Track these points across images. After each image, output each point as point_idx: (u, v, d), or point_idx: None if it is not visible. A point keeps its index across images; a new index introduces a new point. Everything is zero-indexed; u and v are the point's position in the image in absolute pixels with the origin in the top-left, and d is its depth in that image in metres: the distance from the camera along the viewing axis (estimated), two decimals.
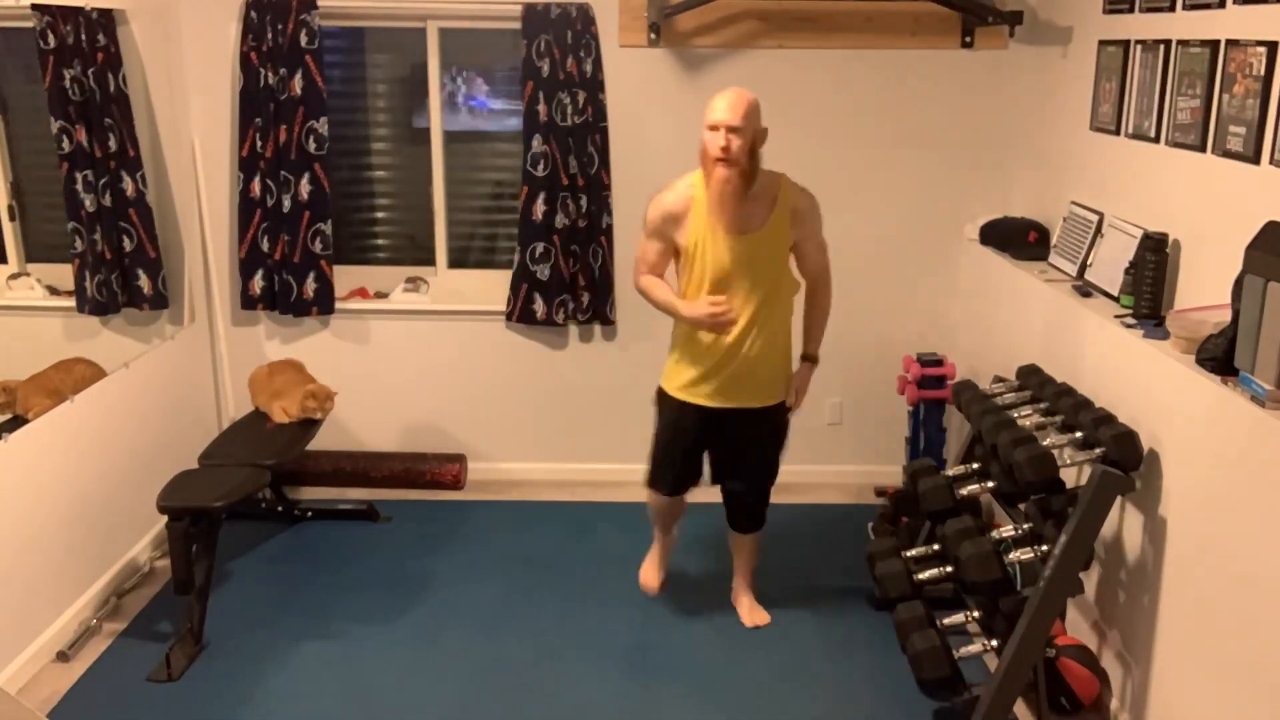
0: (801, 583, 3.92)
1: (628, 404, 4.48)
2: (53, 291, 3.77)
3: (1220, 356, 2.57)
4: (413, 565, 4.03)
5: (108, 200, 3.86)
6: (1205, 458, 2.60)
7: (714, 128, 3.12)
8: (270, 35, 4.26)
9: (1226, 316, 2.60)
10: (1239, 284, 2.48)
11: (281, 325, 4.64)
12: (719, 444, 3.51)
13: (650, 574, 3.79)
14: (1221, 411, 2.52)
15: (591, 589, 3.84)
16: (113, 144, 3.86)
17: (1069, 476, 3.30)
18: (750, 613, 3.67)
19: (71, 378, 3.60)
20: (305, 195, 4.39)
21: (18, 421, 3.32)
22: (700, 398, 3.39)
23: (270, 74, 4.30)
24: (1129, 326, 3.09)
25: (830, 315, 3.56)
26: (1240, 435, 2.43)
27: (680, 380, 3.41)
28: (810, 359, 3.55)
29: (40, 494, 3.38)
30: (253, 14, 4.25)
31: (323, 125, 4.34)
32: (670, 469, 3.54)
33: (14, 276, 3.67)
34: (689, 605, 3.76)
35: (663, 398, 3.49)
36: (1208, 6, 2.98)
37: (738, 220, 3.20)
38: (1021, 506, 3.24)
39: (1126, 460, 2.85)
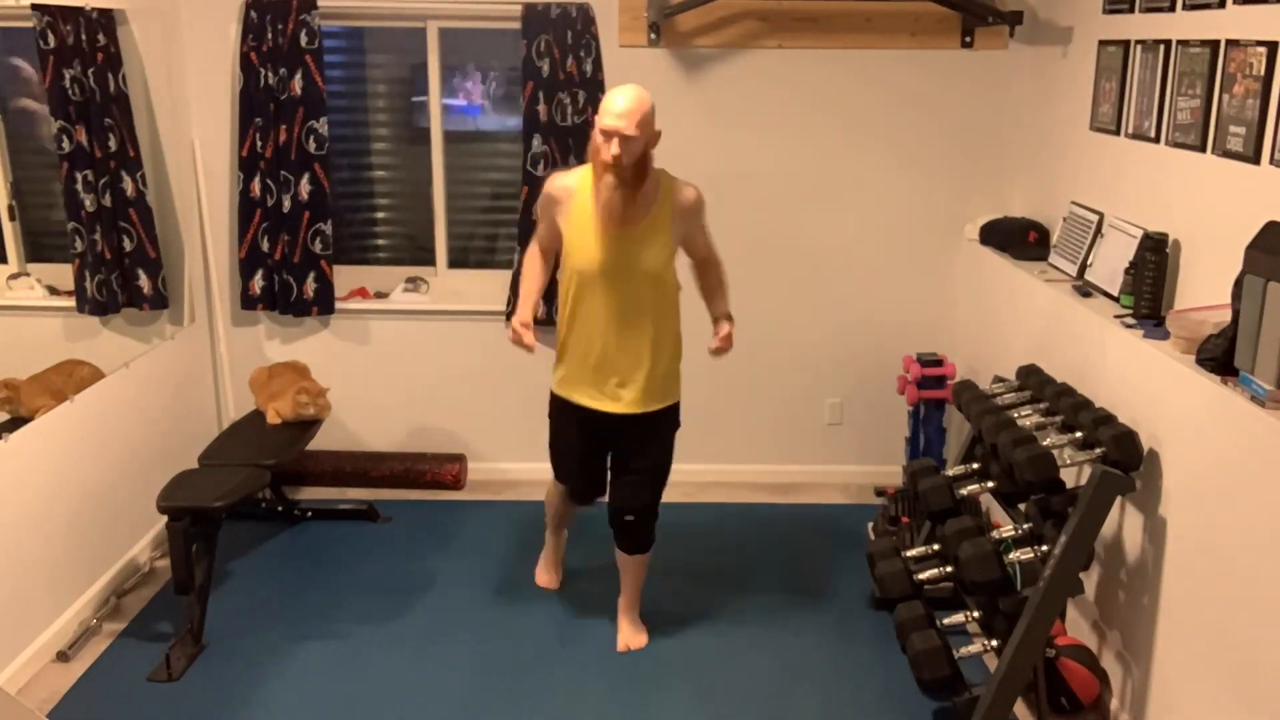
0: (801, 583, 3.92)
1: None
2: (53, 291, 3.76)
3: (1220, 356, 2.57)
4: (413, 565, 4.03)
5: (108, 200, 3.86)
6: (1205, 458, 2.60)
7: (607, 134, 3.02)
8: (270, 35, 4.26)
9: (1226, 316, 2.60)
10: (1239, 284, 2.48)
11: (281, 325, 4.64)
12: (605, 450, 3.44)
13: (546, 575, 3.86)
14: (1221, 411, 2.52)
15: (591, 589, 3.84)
16: (113, 144, 3.86)
17: (1069, 476, 3.30)
18: (627, 634, 3.52)
19: (73, 380, 3.60)
20: (305, 195, 4.39)
21: (18, 421, 3.32)
22: (577, 394, 3.33)
23: (270, 74, 4.30)
24: (1129, 326, 3.09)
25: (829, 319, 3.56)
26: (1240, 435, 2.43)
27: (558, 374, 3.39)
28: (725, 317, 3.37)
29: (40, 494, 3.38)
30: (253, 14, 4.25)
31: (323, 125, 4.34)
32: (564, 468, 3.53)
33: (14, 276, 3.67)
34: (689, 605, 3.75)
35: (551, 395, 3.46)
36: (1208, 6, 2.98)
37: (622, 217, 3.13)
38: (1021, 506, 3.24)
39: (1126, 460, 2.85)
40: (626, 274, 3.19)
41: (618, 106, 3.00)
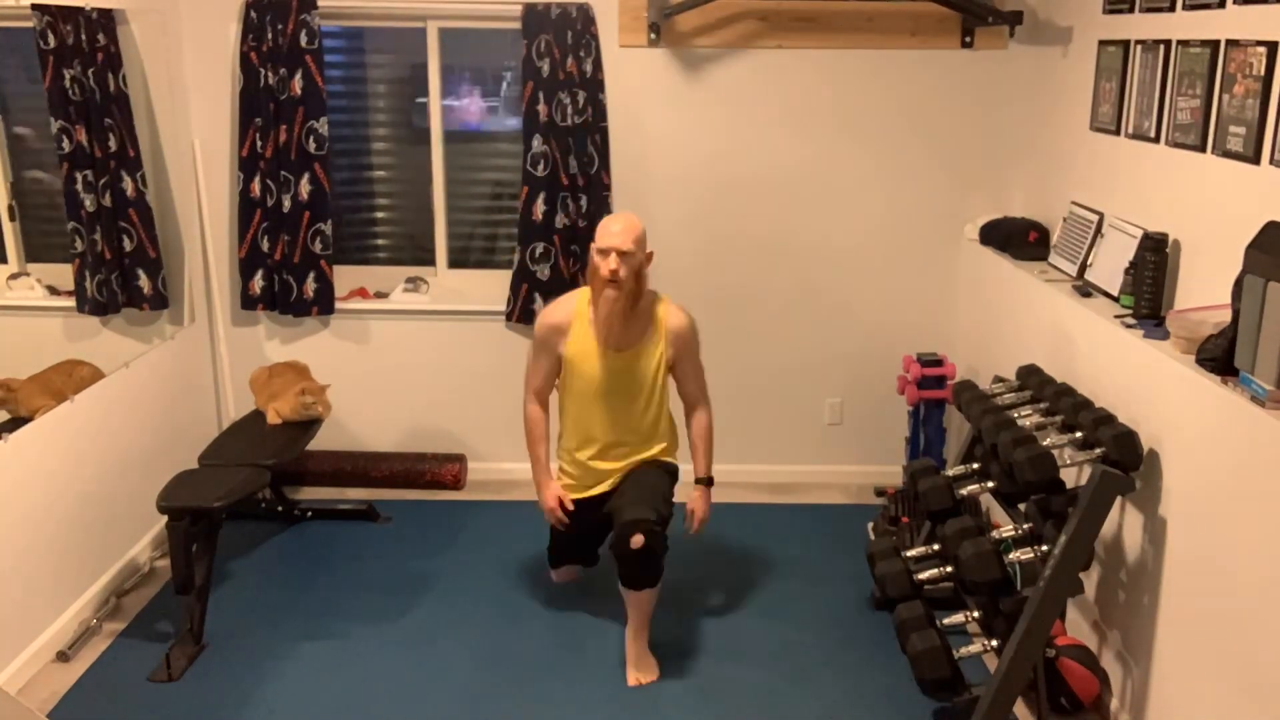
0: (801, 583, 3.92)
1: None
2: (53, 291, 3.76)
3: (1220, 356, 2.57)
4: (413, 565, 4.03)
5: (108, 200, 3.86)
6: (1205, 458, 2.60)
7: (604, 251, 3.25)
8: (270, 35, 4.26)
9: (1226, 316, 2.60)
10: (1239, 284, 2.48)
11: (281, 325, 4.64)
12: (599, 521, 3.53)
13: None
14: (1221, 411, 2.52)
15: (591, 589, 3.84)
16: (113, 144, 3.86)
17: (1069, 476, 3.30)
18: (634, 667, 3.34)
19: (73, 380, 3.60)
20: (305, 195, 4.39)
21: (18, 421, 3.32)
22: (579, 493, 3.54)
23: (270, 74, 4.30)
24: (1129, 326, 3.09)
25: (829, 319, 3.57)
26: (1240, 435, 2.43)
27: (561, 481, 3.58)
28: (704, 482, 3.54)
29: (40, 494, 3.38)
30: (253, 14, 4.25)
31: (323, 125, 4.34)
32: (556, 549, 3.71)
33: (14, 276, 3.67)
34: (688, 605, 3.75)
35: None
36: (1208, 6, 2.98)
37: (619, 338, 3.36)
38: (1021, 506, 3.24)
39: (1126, 460, 2.85)
40: (626, 389, 3.41)
41: (614, 227, 3.27)
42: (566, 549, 3.68)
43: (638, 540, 3.15)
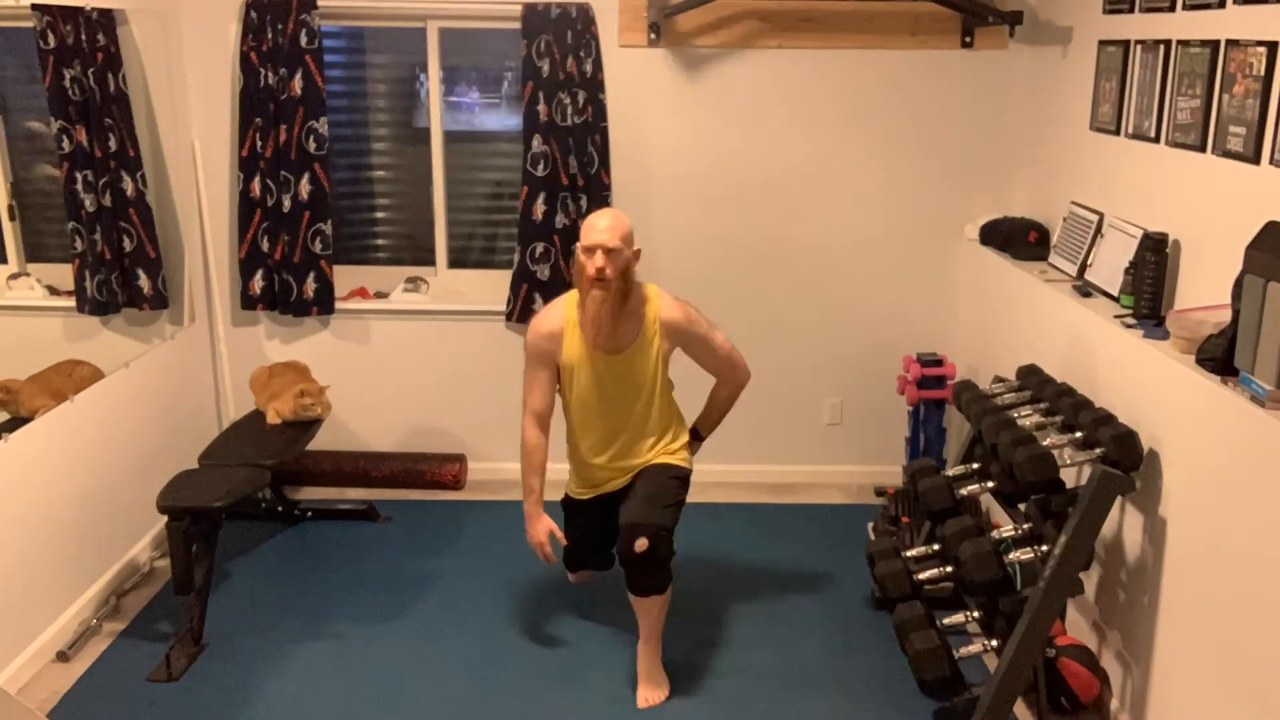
0: (801, 583, 3.92)
1: None
2: (53, 291, 3.76)
3: (1220, 356, 2.57)
4: (413, 565, 4.03)
5: (108, 200, 3.86)
6: (1205, 458, 2.60)
7: (590, 250, 3.16)
8: (270, 35, 4.26)
9: (1226, 316, 2.60)
10: (1239, 284, 2.48)
11: (281, 325, 4.64)
12: (613, 515, 3.37)
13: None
14: (1221, 411, 2.52)
15: (591, 588, 3.84)
16: (113, 144, 3.86)
17: (1069, 476, 3.30)
18: (644, 682, 3.26)
19: (72, 380, 3.60)
20: (305, 195, 4.39)
21: (18, 421, 3.32)
22: (582, 493, 3.52)
23: (270, 74, 4.30)
24: (1129, 326, 3.09)
25: (829, 319, 3.55)
26: (1240, 435, 2.43)
27: (570, 486, 3.57)
28: (698, 436, 3.54)
29: (40, 494, 3.38)
30: (253, 14, 4.25)
31: (323, 125, 4.34)
32: (575, 556, 3.64)
33: (14, 276, 3.67)
34: (688, 605, 3.75)
35: (565, 498, 3.62)
36: (1208, 6, 2.98)
37: (611, 339, 3.27)
38: (1021, 506, 3.24)
39: (1126, 460, 2.85)
40: (626, 393, 3.34)
41: (600, 224, 3.17)
42: (581, 552, 3.61)
43: (641, 544, 3.09)
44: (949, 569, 3.19)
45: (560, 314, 3.35)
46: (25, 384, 3.44)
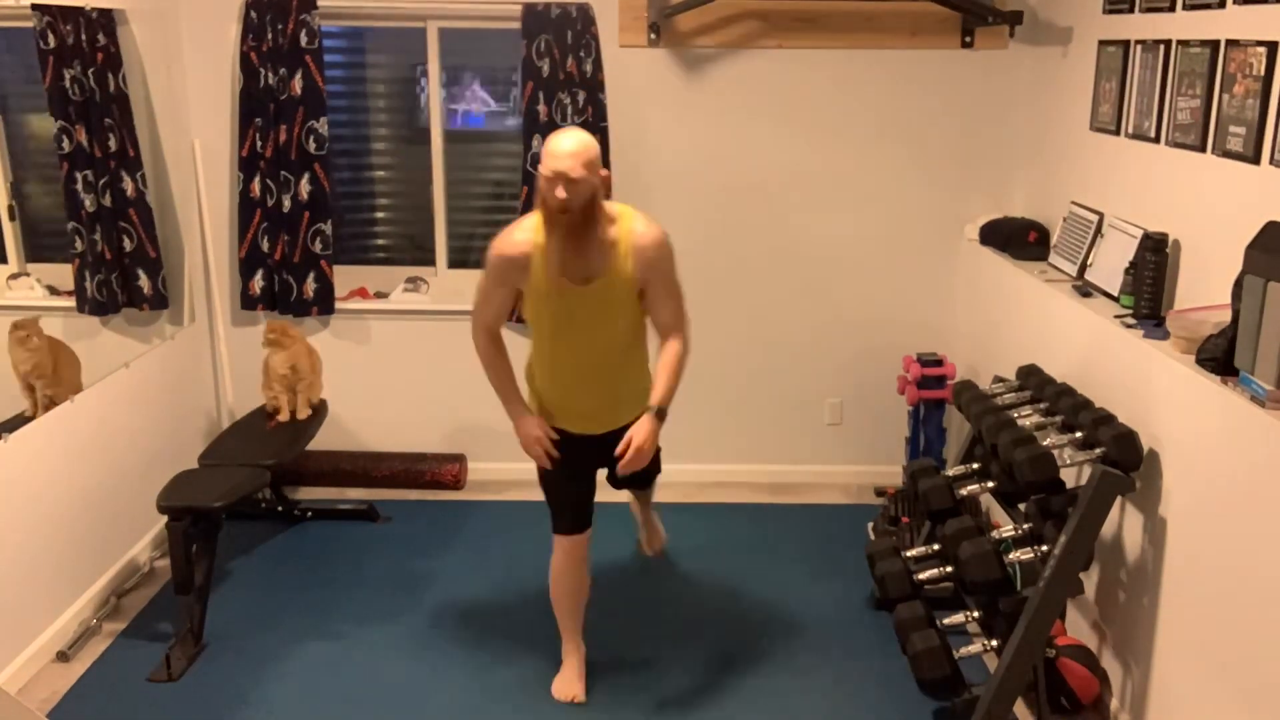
0: (801, 583, 3.92)
1: None
2: (53, 291, 3.76)
3: (1220, 356, 2.57)
4: (413, 565, 4.03)
5: (108, 200, 3.86)
6: (1205, 458, 2.60)
7: (551, 178, 2.85)
8: (270, 35, 4.26)
9: (1226, 316, 2.60)
10: (1239, 284, 2.49)
11: None
12: (593, 467, 3.25)
13: (568, 686, 3.29)
14: (1221, 411, 2.52)
15: (593, 598, 3.83)
16: (113, 144, 3.86)
17: (1069, 476, 3.30)
18: (649, 539, 3.93)
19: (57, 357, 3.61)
20: (305, 195, 4.39)
21: (18, 421, 3.33)
22: (559, 423, 3.20)
23: (270, 74, 4.30)
24: (1129, 326, 3.09)
25: (830, 319, 3.54)
26: (1240, 435, 2.43)
27: (532, 405, 3.26)
28: (655, 412, 3.04)
29: (40, 494, 3.38)
30: (253, 14, 4.25)
31: (323, 125, 4.34)
32: (557, 498, 3.25)
33: (14, 276, 3.67)
34: (688, 605, 3.76)
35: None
36: (1208, 6, 2.98)
37: (578, 269, 2.96)
38: (1021, 506, 3.24)
39: (1126, 460, 2.85)
40: (597, 324, 3.05)
41: (562, 148, 2.84)
42: (566, 499, 3.24)
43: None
44: (949, 569, 3.19)
45: (527, 238, 3.00)
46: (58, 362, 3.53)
